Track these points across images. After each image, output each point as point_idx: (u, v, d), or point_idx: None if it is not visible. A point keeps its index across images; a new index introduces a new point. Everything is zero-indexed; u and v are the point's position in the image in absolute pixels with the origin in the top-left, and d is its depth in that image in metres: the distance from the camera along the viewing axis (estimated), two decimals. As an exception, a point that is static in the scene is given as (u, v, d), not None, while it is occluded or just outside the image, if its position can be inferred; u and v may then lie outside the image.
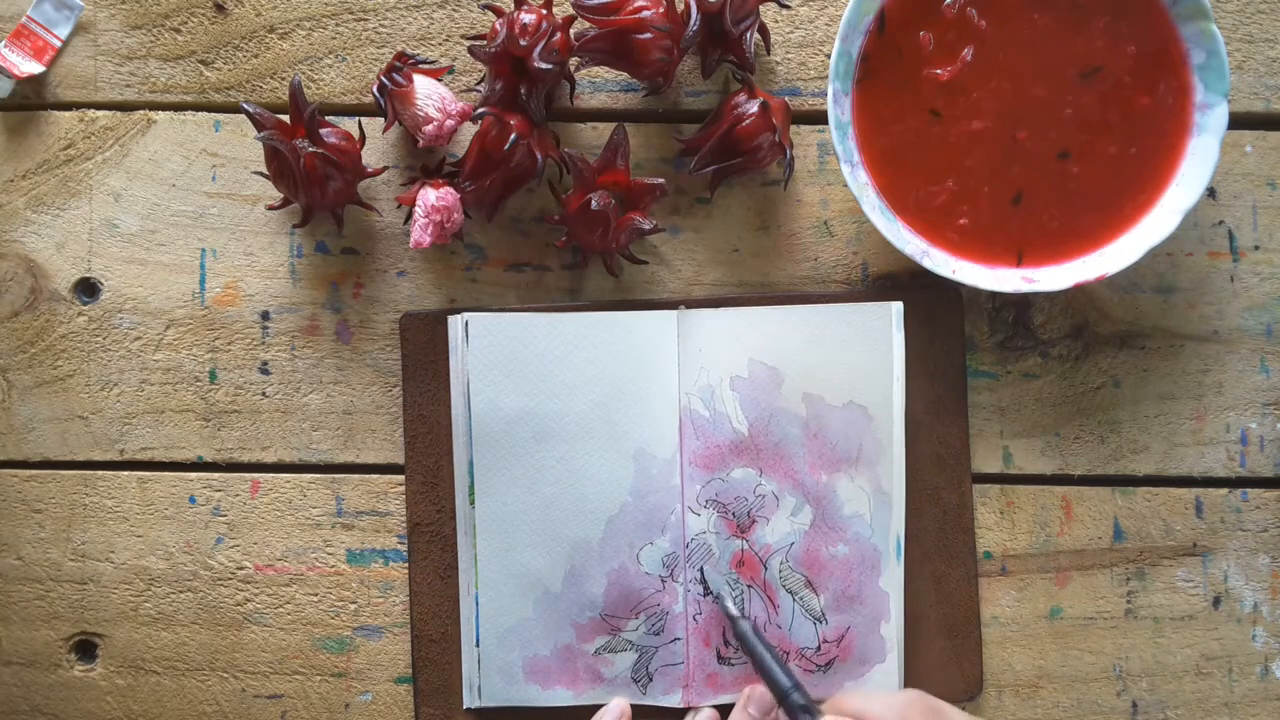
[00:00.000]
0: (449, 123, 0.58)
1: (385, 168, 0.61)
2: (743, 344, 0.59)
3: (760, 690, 0.58)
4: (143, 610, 0.62)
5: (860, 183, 0.57)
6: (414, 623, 0.61)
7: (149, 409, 0.62)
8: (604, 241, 0.58)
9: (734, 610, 0.58)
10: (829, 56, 0.60)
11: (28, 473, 0.62)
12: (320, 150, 0.56)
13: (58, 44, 0.62)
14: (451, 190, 0.58)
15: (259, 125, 0.57)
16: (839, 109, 0.56)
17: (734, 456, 0.59)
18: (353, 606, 0.62)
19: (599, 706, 0.59)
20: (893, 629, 0.59)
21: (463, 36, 0.62)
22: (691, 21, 0.56)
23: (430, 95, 0.58)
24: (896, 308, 0.59)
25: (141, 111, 0.62)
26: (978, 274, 0.57)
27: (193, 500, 0.62)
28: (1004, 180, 0.58)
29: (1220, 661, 0.61)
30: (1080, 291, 0.61)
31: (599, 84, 0.62)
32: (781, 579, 0.59)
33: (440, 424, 0.60)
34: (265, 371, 0.62)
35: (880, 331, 0.59)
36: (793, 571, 0.59)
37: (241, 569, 0.62)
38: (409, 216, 0.58)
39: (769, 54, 0.61)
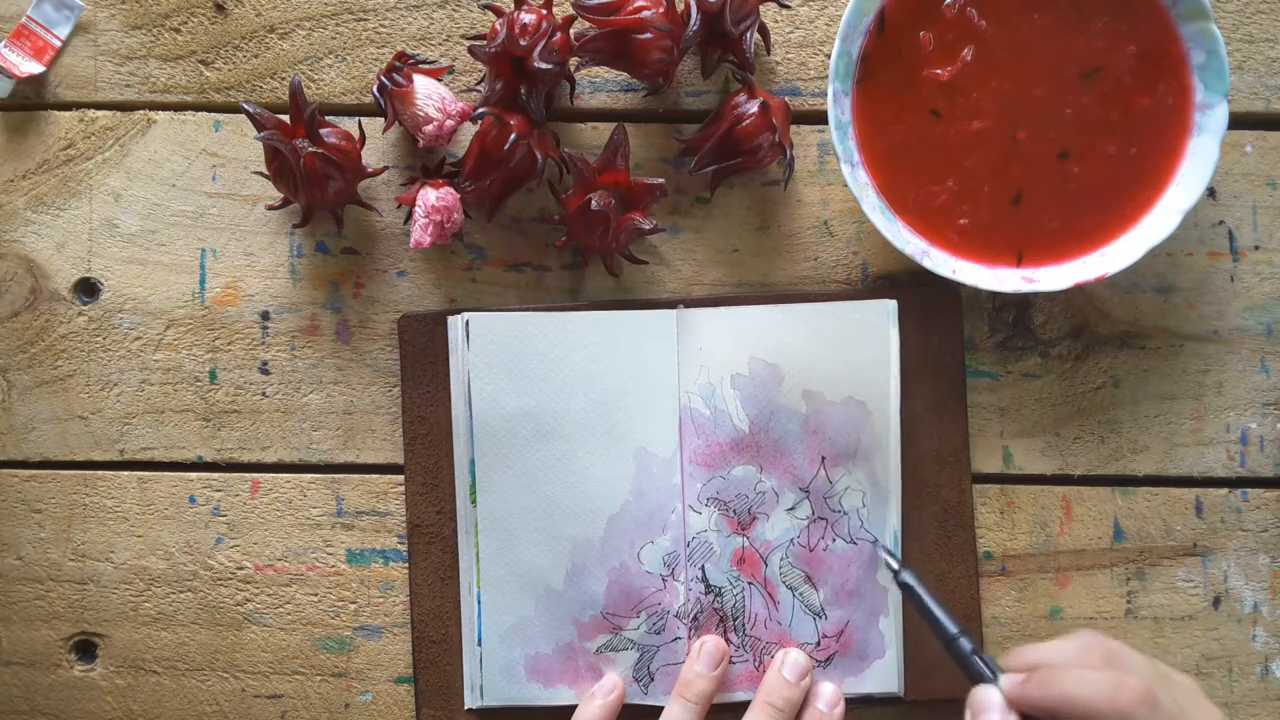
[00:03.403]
0: (449, 123, 0.58)
1: (385, 168, 0.61)
2: (743, 342, 0.59)
3: (795, 654, 0.58)
4: (143, 610, 0.62)
5: (860, 183, 0.57)
6: (414, 624, 0.61)
7: (149, 409, 0.62)
8: (604, 241, 0.58)
9: (894, 563, 0.57)
10: (829, 56, 0.60)
11: (28, 473, 0.62)
12: (320, 150, 0.56)
13: (58, 44, 0.62)
14: (451, 190, 0.58)
15: (259, 125, 0.57)
16: (839, 109, 0.56)
17: (734, 454, 0.59)
18: (353, 606, 0.62)
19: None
20: (891, 624, 0.59)
21: (463, 36, 0.62)
22: (691, 21, 0.56)
23: (430, 95, 0.58)
24: (891, 305, 0.59)
25: (141, 111, 0.62)
26: (978, 274, 0.57)
27: (193, 500, 0.62)
28: (1004, 180, 0.58)
29: (1220, 661, 0.61)
30: (1080, 291, 0.61)
31: (599, 84, 0.62)
32: (782, 575, 0.59)
33: (440, 425, 0.60)
34: (265, 371, 0.62)
35: (877, 328, 0.59)
36: (792, 567, 0.59)
37: (241, 569, 0.62)
38: (409, 216, 0.58)
39: (769, 54, 0.61)
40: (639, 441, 0.59)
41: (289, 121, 0.58)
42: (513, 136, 0.56)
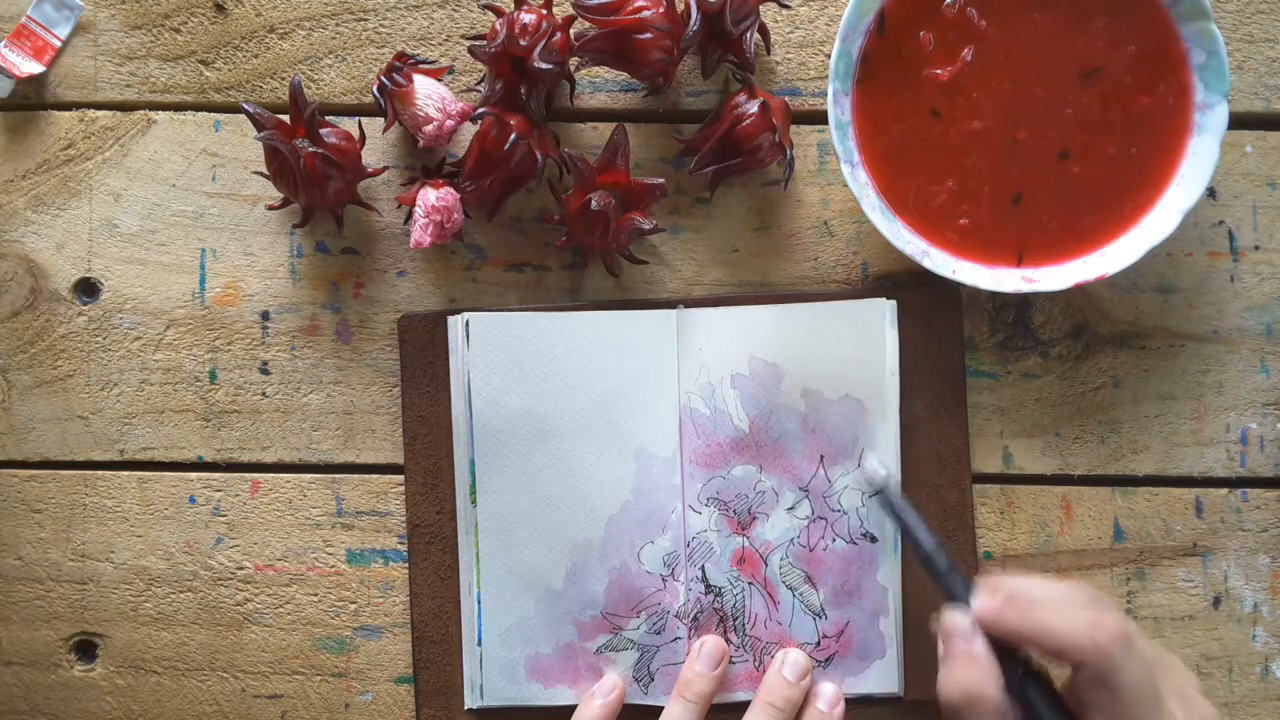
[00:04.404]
0: (449, 123, 0.58)
1: (385, 168, 0.61)
2: (743, 342, 0.59)
3: (795, 653, 0.58)
4: (143, 610, 0.62)
5: (860, 183, 0.57)
6: (414, 624, 0.61)
7: (149, 409, 0.62)
8: (604, 241, 0.58)
9: (881, 471, 0.57)
10: (829, 56, 0.60)
11: (28, 473, 0.62)
12: (320, 150, 0.56)
13: (58, 44, 0.62)
14: (451, 190, 0.58)
15: (259, 125, 0.57)
16: (839, 109, 0.56)
17: (734, 454, 0.59)
18: (353, 606, 0.62)
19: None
20: (891, 624, 0.59)
21: (463, 36, 0.62)
22: (691, 21, 0.56)
23: (430, 95, 0.58)
24: (889, 305, 0.59)
25: (141, 111, 0.62)
26: (978, 274, 0.57)
27: (193, 500, 0.62)
28: (1004, 180, 0.58)
29: (1220, 661, 0.61)
30: (1080, 291, 0.61)
31: (599, 84, 0.62)
32: (781, 575, 0.59)
33: (440, 425, 0.60)
34: (265, 371, 0.62)
35: (874, 327, 0.59)
36: (792, 567, 0.59)
37: (241, 569, 0.62)
38: (409, 216, 0.58)
39: (769, 54, 0.61)
40: (639, 441, 0.59)
41: (289, 121, 0.58)
42: (513, 136, 0.56)
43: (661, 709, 0.58)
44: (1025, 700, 0.49)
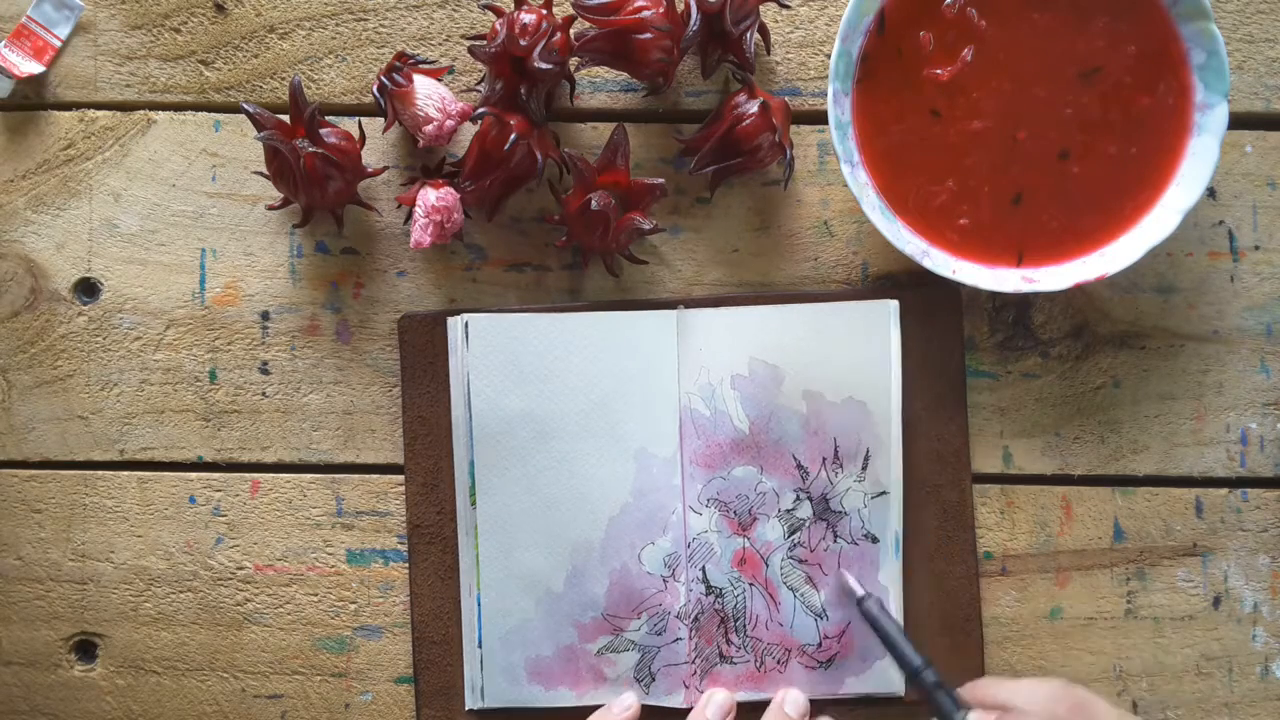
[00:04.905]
0: (449, 123, 0.58)
1: (385, 168, 0.61)
2: (743, 343, 0.59)
3: (795, 692, 0.58)
4: (143, 610, 0.62)
5: (860, 183, 0.57)
6: (415, 624, 0.61)
7: (149, 409, 0.62)
8: (604, 241, 0.58)
9: (859, 590, 0.58)
10: (829, 56, 0.60)
11: (28, 473, 0.62)
12: (320, 150, 0.56)
13: (58, 44, 0.62)
14: (451, 190, 0.58)
15: (259, 125, 0.57)
16: (839, 109, 0.56)
17: (735, 455, 0.59)
18: (353, 606, 0.62)
19: (601, 707, 0.59)
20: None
21: (463, 36, 0.62)
22: (691, 21, 0.56)
23: (430, 95, 0.58)
24: (893, 305, 0.59)
25: (141, 111, 0.62)
26: (978, 274, 0.57)
27: (193, 500, 0.62)
28: (1004, 180, 0.58)
29: (1220, 661, 0.61)
30: (1080, 291, 0.61)
31: (599, 84, 0.62)
32: (783, 576, 0.59)
33: (440, 425, 0.60)
34: (265, 371, 0.62)
35: (877, 328, 0.59)
36: (794, 568, 0.59)
37: (241, 569, 0.62)
38: (409, 216, 0.58)
39: (769, 54, 0.61)
40: (639, 442, 0.59)
41: (289, 121, 0.58)
42: (513, 136, 0.56)
43: (662, 709, 0.58)
44: None
